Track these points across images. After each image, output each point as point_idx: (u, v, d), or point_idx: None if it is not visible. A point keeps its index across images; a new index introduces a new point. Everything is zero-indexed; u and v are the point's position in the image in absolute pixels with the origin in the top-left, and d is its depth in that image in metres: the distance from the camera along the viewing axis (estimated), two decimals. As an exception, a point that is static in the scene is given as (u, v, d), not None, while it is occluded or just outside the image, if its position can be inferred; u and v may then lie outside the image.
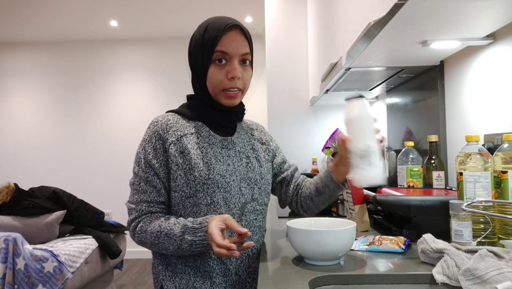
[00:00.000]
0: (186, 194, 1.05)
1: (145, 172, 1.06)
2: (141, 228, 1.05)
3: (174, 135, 1.07)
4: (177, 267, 1.08)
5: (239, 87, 1.09)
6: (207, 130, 1.11)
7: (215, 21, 1.09)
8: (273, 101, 2.98)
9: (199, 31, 1.10)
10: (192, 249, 1.00)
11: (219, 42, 1.05)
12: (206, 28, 1.08)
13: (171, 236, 1.01)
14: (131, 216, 1.08)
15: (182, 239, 0.99)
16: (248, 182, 1.11)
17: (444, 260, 0.84)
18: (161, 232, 1.02)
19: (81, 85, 5.29)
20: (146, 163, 1.07)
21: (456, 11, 1.06)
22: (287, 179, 1.25)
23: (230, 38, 1.06)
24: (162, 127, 1.08)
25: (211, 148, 1.09)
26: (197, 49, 1.09)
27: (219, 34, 1.05)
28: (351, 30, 1.44)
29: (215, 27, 1.07)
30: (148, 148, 1.07)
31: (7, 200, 2.90)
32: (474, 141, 1.02)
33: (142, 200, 1.06)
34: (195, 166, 1.04)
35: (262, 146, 1.22)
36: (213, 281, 1.06)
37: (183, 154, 1.05)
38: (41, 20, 4.53)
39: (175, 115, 1.12)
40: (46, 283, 2.56)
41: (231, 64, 1.07)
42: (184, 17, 4.53)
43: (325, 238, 0.92)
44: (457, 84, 1.58)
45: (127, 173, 5.07)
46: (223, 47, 1.05)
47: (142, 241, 1.06)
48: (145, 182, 1.06)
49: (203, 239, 0.98)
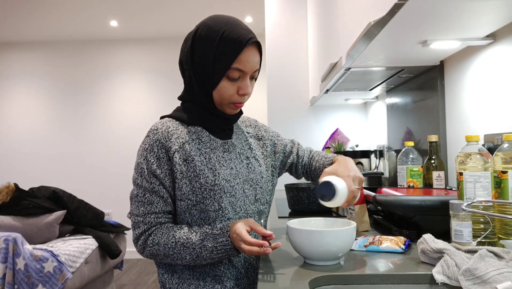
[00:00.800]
0: (192, 202, 1.02)
1: (150, 182, 1.02)
2: (153, 241, 1.01)
3: (177, 143, 1.04)
4: (184, 273, 1.06)
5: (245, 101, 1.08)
6: (207, 135, 1.09)
7: (231, 30, 1.01)
8: (273, 101, 2.98)
9: (210, 35, 1.01)
10: (212, 256, 0.98)
11: (237, 59, 1.00)
12: (222, 36, 1.00)
13: (189, 245, 0.98)
14: (138, 229, 1.03)
15: (202, 247, 0.98)
16: (250, 183, 1.10)
17: (444, 260, 0.84)
18: (176, 242, 0.99)
19: (81, 85, 5.29)
20: (150, 173, 1.02)
21: (456, 11, 1.06)
22: (294, 161, 1.28)
23: (248, 56, 1.01)
24: (163, 136, 1.04)
25: (213, 153, 1.07)
26: (208, 57, 1.01)
27: (239, 51, 1.00)
28: (351, 30, 1.44)
29: (233, 39, 1.00)
30: (151, 158, 1.03)
31: (7, 200, 2.90)
32: (474, 141, 1.02)
33: (149, 211, 1.02)
34: (200, 173, 1.02)
35: (259, 142, 1.21)
36: (224, 285, 1.05)
37: (187, 161, 1.03)
38: (41, 20, 4.53)
39: (173, 121, 1.08)
40: (46, 283, 2.56)
41: (243, 81, 1.04)
42: (184, 17, 4.53)
43: (325, 238, 0.92)
44: (457, 84, 1.58)
45: (127, 173, 5.08)
46: (241, 66, 1.01)
47: (153, 254, 1.02)
48: (150, 192, 1.02)
49: (225, 244, 0.96)
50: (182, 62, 1.10)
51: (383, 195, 1.24)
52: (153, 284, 3.98)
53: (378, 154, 2.41)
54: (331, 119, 2.98)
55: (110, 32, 5.00)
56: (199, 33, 1.04)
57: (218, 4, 4.19)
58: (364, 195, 1.36)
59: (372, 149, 2.51)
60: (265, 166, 1.17)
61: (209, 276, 1.05)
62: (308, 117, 2.98)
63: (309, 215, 1.65)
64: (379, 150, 2.42)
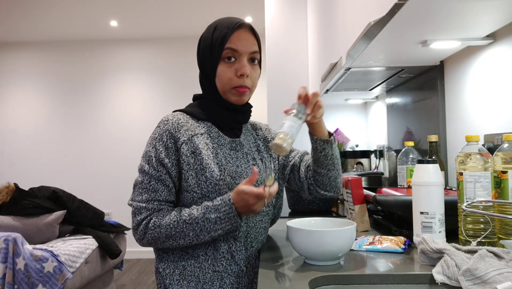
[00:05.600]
0: (198, 194, 1.04)
1: (157, 170, 1.04)
2: (155, 223, 1.01)
3: (186, 135, 1.06)
4: (186, 270, 1.06)
5: (248, 86, 1.09)
6: (216, 131, 1.11)
7: (224, 20, 1.11)
8: (273, 101, 2.98)
9: (208, 30, 1.11)
10: (216, 227, 0.99)
11: (229, 39, 1.06)
12: (216, 27, 1.09)
13: (191, 221, 1.00)
14: (140, 215, 1.03)
15: (205, 220, 0.99)
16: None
17: (444, 260, 0.84)
18: (178, 221, 1.00)
19: (81, 85, 5.29)
20: (158, 161, 1.04)
21: (456, 11, 1.06)
22: (296, 164, 1.21)
23: (240, 36, 1.08)
24: (173, 126, 1.06)
25: (220, 149, 1.09)
26: (206, 48, 1.10)
27: (229, 32, 1.07)
28: (351, 30, 1.44)
29: (224, 25, 1.08)
30: (160, 146, 1.05)
31: (7, 200, 2.90)
32: (474, 141, 1.02)
33: (153, 198, 1.04)
34: (207, 167, 1.04)
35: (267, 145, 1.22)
36: (224, 281, 1.05)
37: (195, 154, 1.05)
38: (41, 20, 4.53)
39: (184, 115, 1.12)
40: (46, 283, 2.56)
41: (240, 62, 1.08)
42: (184, 17, 4.53)
43: (325, 238, 0.92)
44: (457, 84, 1.58)
45: (127, 173, 5.07)
46: (233, 44, 1.07)
47: (155, 238, 1.02)
48: (156, 180, 1.04)
49: (228, 212, 0.98)
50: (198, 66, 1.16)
51: (383, 195, 1.24)
52: (153, 284, 3.98)
53: (378, 154, 2.42)
54: (331, 119, 2.98)
55: (110, 32, 5.00)
56: (202, 34, 1.14)
57: (218, 4, 4.18)
58: (364, 195, 1.36)
59: (372, 149, 2.51)
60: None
61: (209, 272, 1.05)
62: (308, 117, 2.97)
63: (309, 215, 1.65)
64: (379, 150, 2.42)
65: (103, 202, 4.97)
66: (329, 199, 1.71)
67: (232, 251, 1.06)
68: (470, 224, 0.99)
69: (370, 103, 2.88)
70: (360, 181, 1.38)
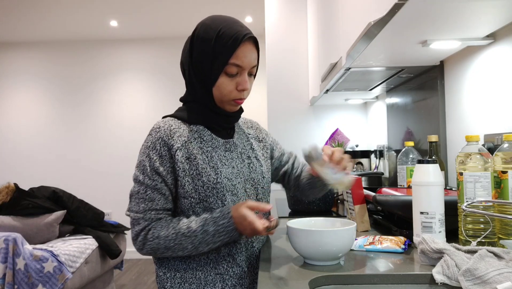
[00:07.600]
0: (195, 200, 1.03)
1: (152, 179, 1.03)
2: (153, 234, 1.01)
3: (179, 141, 1.04)
4: (187, 273, 1.06)
5: (245, 97, 1.10)
6: (209, 134, 1.10)
7: (228, 27, 1.03)
8: (273, 101, 2.98)
9: (208, 33, 1.04)
10: (214, 239, 0.99)
11: (234, 54, 1.02)
12: (219, 33, 1.02)
13: (190, 234, 0.99)
14: (138, 226, 1.02)
15: (204, 232, 0.99)
16: (251, 183, 1.11)
17: (444, 260, 0.84)
18: (177, 233, 1.00)
19: (81, 85, 5.29)
20: (152, 170, 1.03)
21: (456, 11, 1.06)
22: (288, 171, 1.29)
23: (245, 50, 1.03)
24: (166, 133, 1.04)
25: (215, 152, 1.08)
26: (206, 54, 1.04)
27: (235, 45, 1.02)
28: (351, 30, 1.44)
29: (229, 35, 1.02)
30: (153, 155, 1.03)
31: (7, 200, 2.90)
32: (474, 141, 1.02)
33: (150, 208, 1.03)
34: (203, 171, 1.03)
35: (259, 144, 1.22)
36: (225, 283, 1.05)
37: (189, 160, 1.04)
38: (41, 20, 4.53)
39: (175, 120, 1.09)
40: (46, 283, 2.56)
41: (242, 76, 1.06)
42: (184, 17, 4.53)
43: (325, 238, 0.92)
44: (457, 84, 1.58)
45: (127, 173, 5.08)
46: (238, 61, 1.03)
47: (154, 249, 1.02)
48: (152, 189, 1.03)
49: (227, 226, 0.98)
50: (183, 63, 1.11)
51: (383, 195, 1.24)
52: (153, 284, 3.98)
53: (378, 154, 2.41)
54: (331, 119, 2.98)
55: (110, 32, 5.00)
56: (197, 33, 1.07)
57: (218, 4, 4.19)
58: (364, 195, 1.36)
59: (372, 149, 2.51)
60: (266, 167, 1.18)
61: (211, 275, 1.05)
62: (308, 117, 2.98)
63: (309, 215, 1.65)
64: (379, 150, 2.42)
65: (103, 202, 4.98)
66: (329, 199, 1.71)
67: (233, 252, 1.06)
68: (470, 224, 0.99)
69: (370, 103, 2.89)
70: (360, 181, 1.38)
